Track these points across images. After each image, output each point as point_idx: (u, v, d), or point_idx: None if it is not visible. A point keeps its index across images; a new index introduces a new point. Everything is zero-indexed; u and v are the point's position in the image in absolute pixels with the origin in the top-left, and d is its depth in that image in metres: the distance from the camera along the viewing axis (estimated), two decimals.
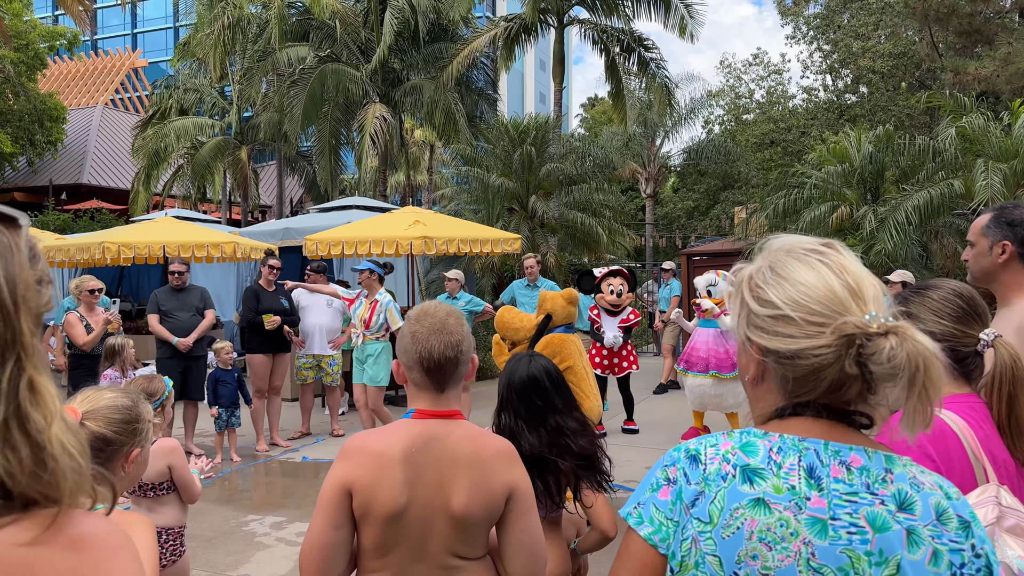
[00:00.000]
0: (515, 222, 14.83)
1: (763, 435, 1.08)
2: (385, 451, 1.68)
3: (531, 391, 2.39)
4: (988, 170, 8.48)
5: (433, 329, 1.74)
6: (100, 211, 20.58)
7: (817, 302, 1.05)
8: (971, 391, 1.73)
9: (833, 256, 1.10)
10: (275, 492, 6.33)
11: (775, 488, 1.03)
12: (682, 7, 15.96)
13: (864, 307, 1.04)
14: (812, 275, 1.07)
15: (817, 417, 1.08)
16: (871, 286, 1.07)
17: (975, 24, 15.01)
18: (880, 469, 1.05)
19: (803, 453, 1.05)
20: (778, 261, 1.12)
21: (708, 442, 1.11)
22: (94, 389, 1.77)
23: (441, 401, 1.76)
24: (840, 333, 1.02)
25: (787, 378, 1.08)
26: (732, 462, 1.07)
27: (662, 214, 27.52)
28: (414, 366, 1.75)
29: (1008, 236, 2.33)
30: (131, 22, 59.25)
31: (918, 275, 9.24)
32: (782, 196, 11.22)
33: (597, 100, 43.46)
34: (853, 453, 1.05)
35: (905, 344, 0.99)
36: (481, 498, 1.68)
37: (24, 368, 0.73)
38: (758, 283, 1.12)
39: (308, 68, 17.21)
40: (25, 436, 0.71)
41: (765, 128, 19.44)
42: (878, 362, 1.00)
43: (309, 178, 24.66)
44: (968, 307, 1.73)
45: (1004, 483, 1.61)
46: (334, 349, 7.92)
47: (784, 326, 1.07)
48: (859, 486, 1.03)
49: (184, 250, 9.10)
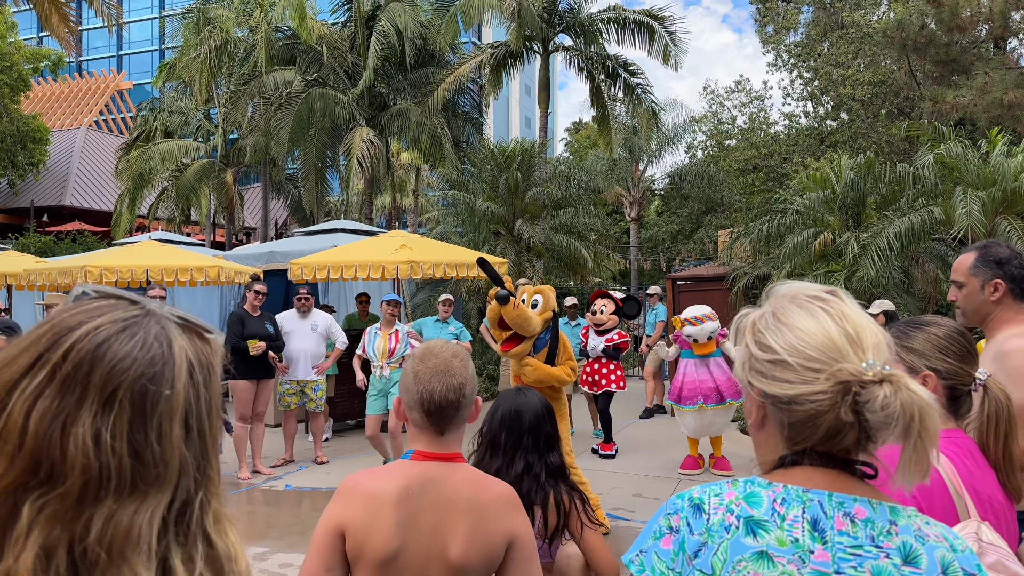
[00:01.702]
0: (501, 245, 14.86)
1: (767, 485, 1.08)
2: (379, 493, 1.63)
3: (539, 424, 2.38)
4: (967, 198, 8.61)
5: (436, 370, 1.70)
6: (82, 233, 20.44)
7: (815, 348, 1.06)
8: (957, 427, 1.75)
9: (835, 304, 1.11)
10: (257, 522, 6.24)
11: (779, 541, 1.03)
12: (666, 35, 16.20)
13: (862, 355, 1.05)
14: (811, 322, 1.09)
15: (820, 466, 1.08)
16: (872, 335, 1.08)
17: (952, 54, 15.33)
18: (885, 521, 1.04)
19: (807, 504, 1.05)
20: (781, 308, 1.13)
21: (712, 491, 1.11)
22: None
23: (441, 443, 1.71)
24: (836, 379, 1.03)
25: (784, 423, 1.09)
26: (736, 513, 1.06)
27: (646, 237, 27.70)
28: (415, 406, 1.71)
29: (999, 274, 2.37)
30: (116, 44, 59.24)
31: (900, 300, 9.35)
32: (765, 222, 11.32)
33: (582, 124, 43.86)
34: (857, 504, 1.05)
35: (900, 393, 1.00)
36: (479, 546, 1.62)
37: (211, 499, 0.69)
38: (760, 328, 1.13)
39: (295, 92, 17.28)
40: (213, 568, 0.67)
41: (747, 154, 19.68)
42: (872, 410, 1.01)
43: (294, 201, 24.65)
44: (969, 346, 1.77)
45: (988, 518, 1.62)
46: (319, 374, 7.86)
47: (782, 371, 1.08)
48: (864, 539, 1.03)
49: (167, 274, 9.03)
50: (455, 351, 1.76)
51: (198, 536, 0.67)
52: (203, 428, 0.67)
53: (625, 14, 16.50)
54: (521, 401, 2.43)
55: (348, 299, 12.61)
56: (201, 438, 0.67)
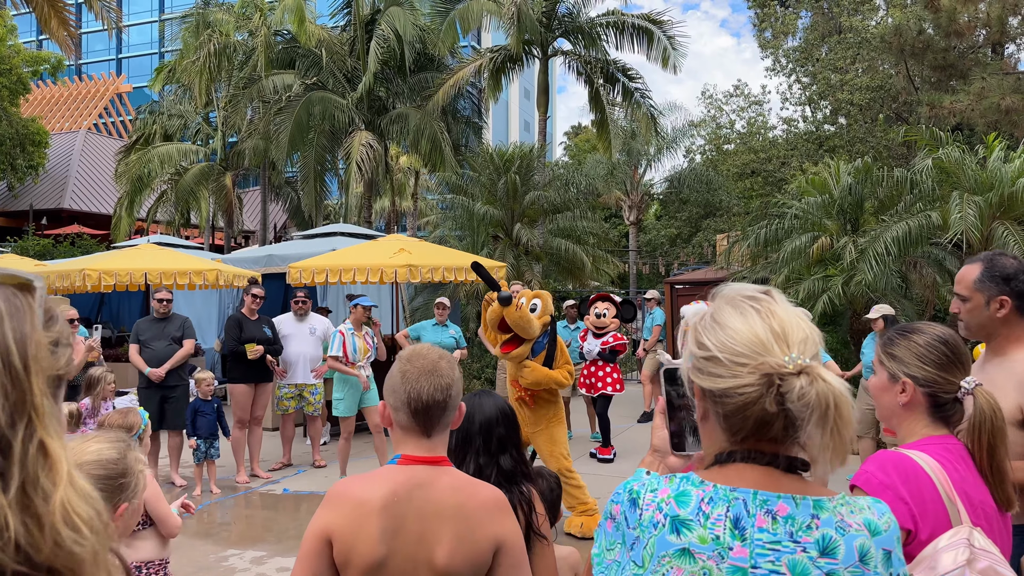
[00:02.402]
0: (500, 249, 14.87)
1: (699, 484, 1.15)
2: (365, 500, 1.62)
3: (489, 426, 2.38)
4: (963, 202, 8.62)
5: (424, 370, 1.69)
6: (81, 236, 20.43)
7: (742, 345, 1.14)
8: (948, 433, 1.75)
9: (766, 303, 1.19)
10: (255, 525, 6.24)
11: (700, 539, 1.11)
12: (664, 39, 16.23)
13: (787, 350, 1.12)
14: (741, 321, 1.17)
15: (753, 463, 1.15)
16: (799, 331, 1.15)
17: (950, 59, 15.36)
18: (806, 516, 1.11)
19: (732, 503, 1.12)
20: (718, 309, 1.22)
21: (649, 486, 1.19)
22: (80, 439, 1.69)
23: (428, 446, 1.70)
24: (760, 372, 1.11)
25: (720, 415, 1.16)
26: (664, 511, 1.14)
27: (645, 241, 27.72)
28: (401, 407, 1.70)
29: (1006, 291, 2.32)
30: (116, 47, 59.30)
31: (898, 305, 9.35)
32: (763, 226, 11.33)
33: (581, 128, 43.93)
34: (780, 502, 1.12)
35: (815, 384, 1.08)
36: (465, 552, 1.61)
37: (35, 431, 0.70)
38: (699, 329, 1.22)
39: (294, 95, 17.30)
40: (37, 502, 0.68)
41: (746, 158, 19.69)
42: (792, 400, 1.08)
43: (293, 204, 24.65)
44: (952, 354, 1.75)
45: (980, 524, 1.63)
46: (317, 378, 7.87)
47: (715, 367, 1.16)
48: (783, 535, 1.10)
49: (166, 277, 9.04)
50: (442, 353, 1.76)
51: (24, 469, 0.68)
52: (11, 362, 0.69)
53: (624, 18, 16.53)
54: (474, 404, 2.42)
55: (346, 303, 12.61)
56: (11, 371, 0.69)
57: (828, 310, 9.66)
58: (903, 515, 1.60)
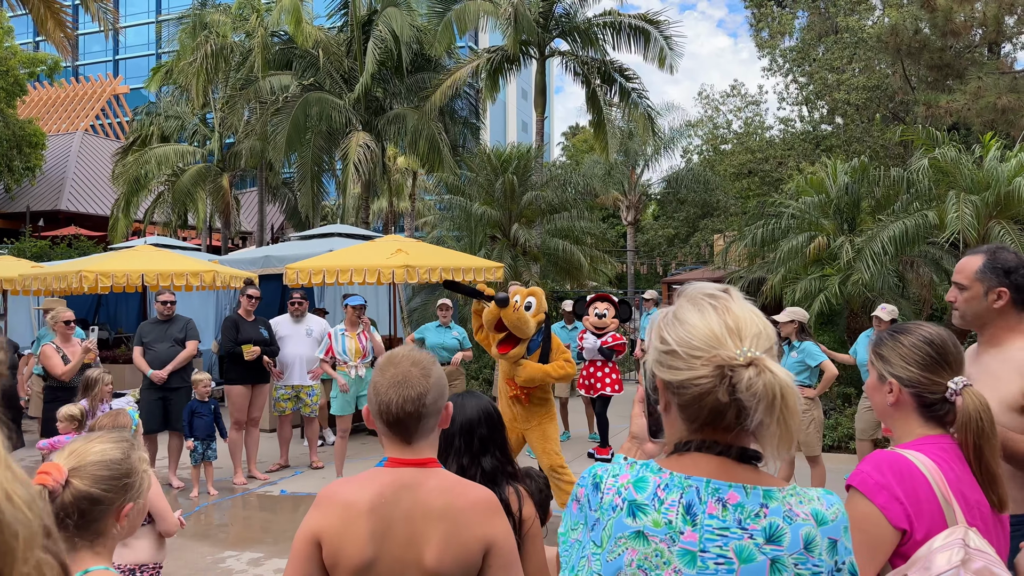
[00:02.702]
0: (498, 250, 14.87)
1: (657, 471, 1.23)
2: (353, 502, 1.62)
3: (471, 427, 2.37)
4: (960, 202, 8.64)
5: (393, 382, 1.67)
6: (78, 238, 20.38)
7: (698, 339, 1.21)
8: (944, 432, 1.75)
9: (723, 300, 1.26)
10: (253, 527, 6.23)
11: (654, 523, 1.18)
12: (661, 39, 16.24)
13: (739, 344, 1.19)
14: (698, 317, 1.24)
15: (708, 453, 1.22)
16: (753, 326, 1.22)
17: (946, 58, 15.38)
18: (755, 505, 1.18)
19: (685, 491, 1.19)
20: (679, 306, 1.29)
21: (611, 471, 1.26)
22: (82, 440, 1.68)
23: (412, 451, 1.69)
24: (713, 364, 1.18)
25: (679, 405, 1.24)
26: (623, 496, 1.21)
27: (643, 241, 27.73)
28: (376, 417, 1.70)
29: (1004, 283, 2.36)
30: (113, 49, 59.23)
31: (895, 305, 9.36)
32: (760, 226, 11.35)
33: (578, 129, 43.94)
34: (731, 490, 1.19)
35: (763, 375, 1.14)
36: (454, 554, 1.60)
37: None
38: (662, 325, 1.29)
39: (291, 96, 17.28)
40: None
41: (743, 158, 19.72)
42: (741, 390, 1.15)
43: (290, 205, 24.63)
44: (937, 355, 1.75)
45: (976, 524, 1.63)
46: (314, 379, 7.86)
47: (673, 360, 1.23)
48: (731, 522, 1.17)
49: (163, 279, 9.03)
50: (416, 359, 1.71)
51: None
52: None
53: (620, 18, 16.53)
54: (456, 404, 2.41)
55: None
56: None
57: (825, 309, 9.67)
58: (898, 515, 1.60)
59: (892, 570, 1.62)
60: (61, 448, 1.67)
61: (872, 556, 1.61)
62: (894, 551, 1.62)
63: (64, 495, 1.53)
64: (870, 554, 1.61)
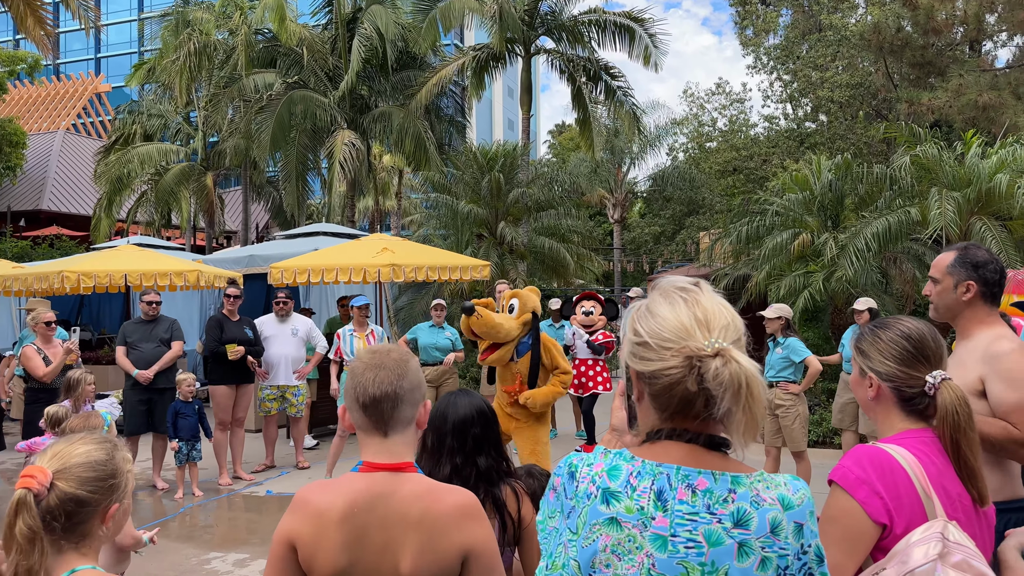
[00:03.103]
0: (484, 248, 14.86)
1: (630, 459, 1.27)
2: (325, 510, 1.59)
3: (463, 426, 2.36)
4: (942, 198, 8.71)
5: (371, 364, 1.66)
6: (60, 238, 20.16)
7: (669, 331, 1.26)
8: (926, 426, 1.76)
9: (693, 293, 1.31)
10: (238, 528, 6.19)
11: (627, 509, 1.23)
12: (646, 37, 16.28)
13: (708, 335, 1.23)
14: (669, 310, 1.28)
15: (679, 441, 1.27)
16: (722, 318, 1.27)
17: (928, 56, 15.52)
18: (724, 490, 1.23)
19: (656, 478, 1.24)
20: (652, 299, 1.33)
21: (586, 460, 1.30)
22: (65, 441, 1.66)
23: (388, 448, 1.65)
24: (682, 355, 1.22)
25: (651, 394, 1.28)
26: (597, 484, 1.26)
27: (629, 239, 27.80)
28: (352, 404, 1.66)
29: (972, 276, 2.49)
30: (94, 47, 58.63)
31: (878, 300, 9.44)
32: (745, 223, 11.40)
33: (565, 127, 43.95)
34: (701, 477, 1.23)
35: (729, 365, 1.19)
36: (430, 562, 1.57)
37: None
38: (635, 318, 1.33)
39: (276, 94, 17.17)
40: None
41: (728, 156, 19.82)
42: (708, 380, 1.19)
43: (275, 204, 24.48)
44: (915, 349, 1.75)
45: (958, 517, 1.63)
46: (299, 379, 7.82)
47: (645, 351, 1.28)
48: (700, 507, 1.21)
49: (147, 279, 8.95)
50: (394, 350, 1.71)
51: None
52: None
53: (606, 16, 16.56)
54: (449, 402, 2.41)
55: (329, 303, 12.55)
56: None
57: (809, 306, 9.73)
58: (878, 510, 1.61)
59: (872, 564, 1.63)
60: (43, 450, 1.64)
61: (852, 550, 1.61)
62: (875, 545, 1.63)
63: (49, 498, 1.51)
64: (850, 548, 1.61)
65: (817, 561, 1.26)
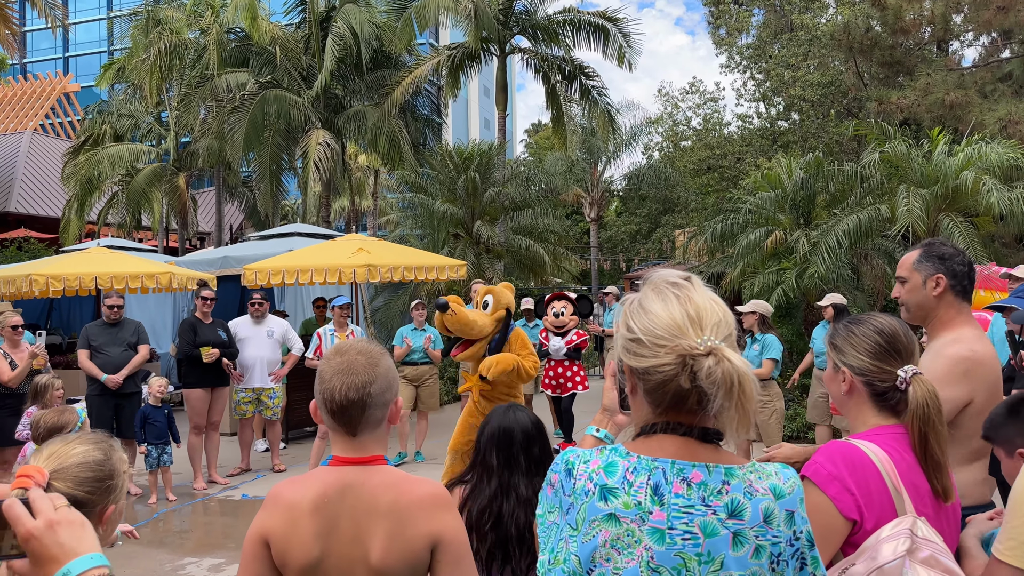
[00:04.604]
0: (461, 248, 14.83)
1: (625, 455, 1.30)
2: (296, 502, 1.62)
3: (534, 442, 2.41)
4: (910, 196, 8.86)
5: (339, 369, 1.64)
6: (28, 240, 19.77)
7: (662, 328, 1.28)
8: (898, 423, 1.78)
9: (685, 289, 1.32)
10: (214, 532, 6.12)
11: (625, 504, 1.25)
12: (620, 37, 16.34)
13: (700, 332, 1.25)
14: (661, 306, 1.30)
15: (672, 433, 1.29)
16: (713, 314, 1.29)
17: (896, 55, 15.74)
18: (718, 482, 1.26)
19: (652, 472, 1.26)
20: (644, 295, 1.35)
21: (583, 458, 1.32)
22: (62, 441, 1.62)
23: (356, 446, 1.67)
24: (676, 353, 1.25)
25: (645, 390, 1.31)
26: (595, 481, 1.28)
27: (606, 237, 27.89)
28: (321, 407, 1.67)
29: (941, 269, 2.41)
30: (62, 46, 57.59)
31: (850, 296, 9.57)
32: (719, 221, 11.50)
33: (541, 126, 44.02)
34: (695, 470, 1.26)
35: (721, 364, 1.21)
36: (399, 550, 1.60)
37: None
38: (628, 313, 1.35)
39: (248, 94, 16.99)
40: None
41: (702, 154, 19.97)
42: (701, 378, 1.22)
43: (249, 204, 24.23)
44: (887, 344, 1.77)
45: (927, 512, 1.66)
46: (275, 381, 7.75)
47: (639, 347, 1.30)
48: (696, 500, 1.25)
49: (117, 281, 8.81)
50: (363, 349, 1.69)
51: None
52: None
53: (580, 16, 16.60)
54: (511, 419, 2.44)
55: (304, 304, 12.45)
56: None
57: (783, 302, 9.84)
58: (849, 506, 1.63)
59: (842, 559, 1.65)
60: (39, 449, 1.60)
61: (823, 545, 1.63)
62: (845, 540, 1.65)
63: None
64: (821, 543, 1.63)
65: (808, 545, 1.31)
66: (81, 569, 1.09)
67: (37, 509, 1.11)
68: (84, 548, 1.12)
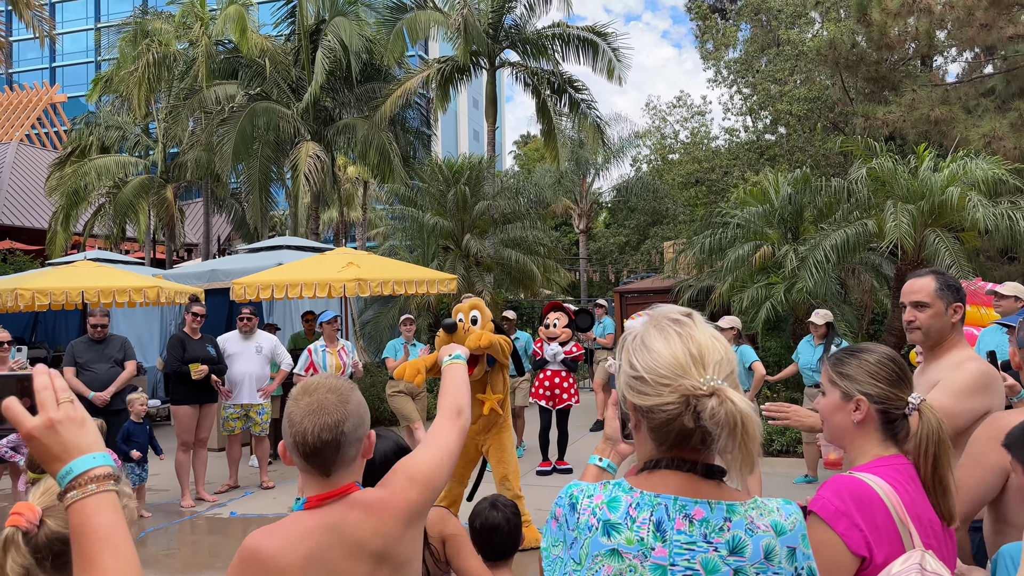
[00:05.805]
0: (450, 260, 14.81)
1: (629, 490, 1.31)
2: (285, 568, 1.50)
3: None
4: (897, 211, 8.93)
5: (309, 410, 1.57)
6: (13, 252, 19.58)
7: (665, 367, 1.28)
8: (898, 452, 1.79)
9: (687, 327, 1.33)
10: (201, 552, 6.06)
11: (628, 540, 1.26)
12: (609, 51, 16.46)
13: (703, 372, 1.26)
14: (664, 344, 1.31)
15: (676, 470, 1.30)
16: (715, 353, 1.29)
17: (881, 71, 15.91)
18: (719, 519, 1.26)
19: (655, 508, 1.27)
20: (647, 332, 1.35)
21: (587, 492, 1.34)
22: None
23: (330, 485, 1.60)
24: (679, 393, 1.25)
25: (648, 427, 1.32)
26: (598, 516, 1.29)
27: (595, 249, 27.95)
28: (292, 450, 1.60)
29: (959, 299, 2.65)
30: (49, 56, 57.32)
31: (837, 310, 9.64)
32: (708, 235, 11.56)
33: (530, 137, 44.14)
34: (697, 506, 1.27)
35: (724, 404, 1.22)
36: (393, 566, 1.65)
37: None
38: (630, 350, 1.36)
39: (238, 106, 16.96)
40: None
41: (690, 168, 20.06)
42: (705, 418, 1.22)
43: (238, 216, 24.11)
44: (899, 371, 1.81)
45: (931, 542, 1.66)
46: (263, 397, 7.70)
47: (642, 386, 1.30)
48: (698, 536, 1.25)
49: (104, 296, 8.74)
50: (333, 386, 1.62)
51: None
52: None
53: (569, 30, 16.72)
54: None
55: (294, 318, 12.39)
56: None
57: (771, 316, 9.90)
58: (858, 542, 1.62)
59: None
60: (36, 486, 1.56)
61: None
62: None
63: (39, 536, 1.44)
64: None
65: None
66: (83, 468, 1.08)
67: (40, 403, 1.09)
68: (86, 446, 1.09)
